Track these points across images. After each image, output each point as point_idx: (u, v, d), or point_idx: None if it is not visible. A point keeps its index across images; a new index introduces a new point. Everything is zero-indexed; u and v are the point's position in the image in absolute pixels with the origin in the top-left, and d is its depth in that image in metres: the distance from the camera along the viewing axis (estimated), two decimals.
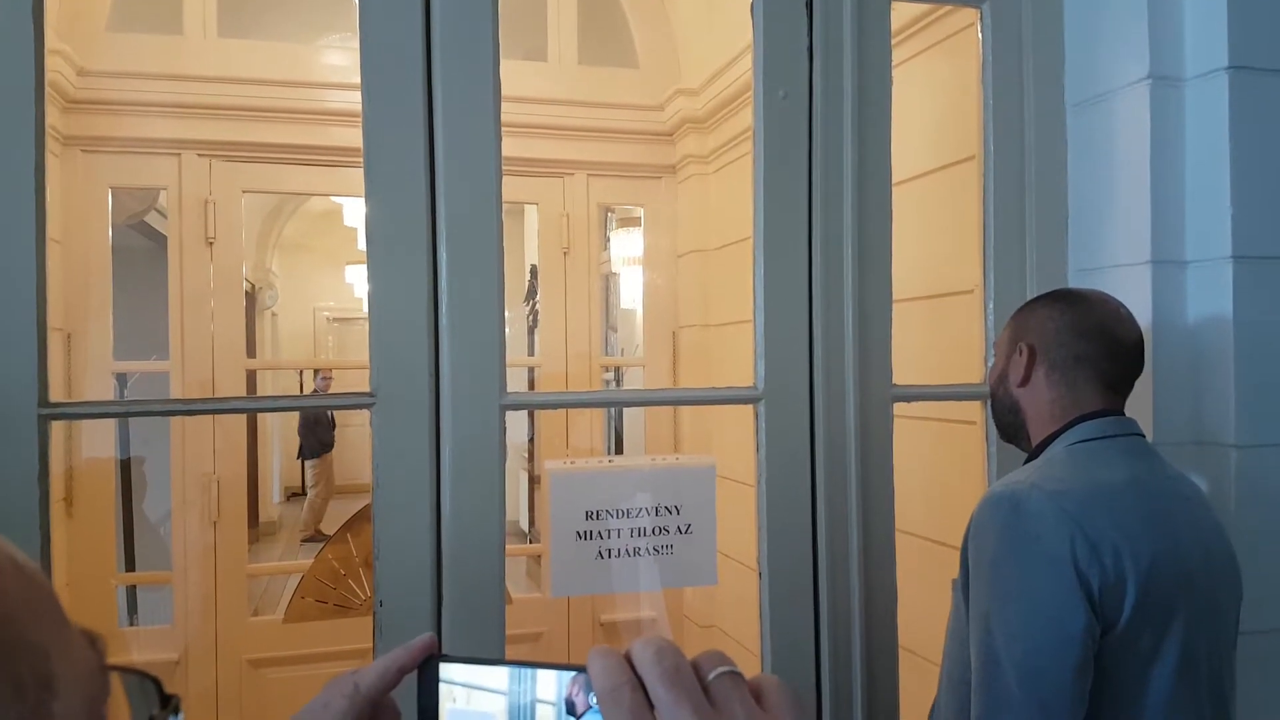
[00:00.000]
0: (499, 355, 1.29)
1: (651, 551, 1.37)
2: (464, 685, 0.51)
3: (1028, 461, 1.23)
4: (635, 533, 1.37)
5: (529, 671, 0.48)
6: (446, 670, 0.51)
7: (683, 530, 1.39)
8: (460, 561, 1.26)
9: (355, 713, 0.53)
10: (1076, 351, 1.19)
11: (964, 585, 1.14)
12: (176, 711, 0.43)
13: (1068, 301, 1.24)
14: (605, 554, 1.35)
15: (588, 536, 1.35)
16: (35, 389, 1.14)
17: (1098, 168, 1.50)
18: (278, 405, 1.49)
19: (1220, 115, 1.34)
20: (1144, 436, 1.20)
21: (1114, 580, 1.03)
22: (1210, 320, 1.37)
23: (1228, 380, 1.34)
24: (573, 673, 0.47)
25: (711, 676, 0.44)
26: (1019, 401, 1.24)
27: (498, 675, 0.49)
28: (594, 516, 1.36)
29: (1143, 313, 1.40)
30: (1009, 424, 1.28)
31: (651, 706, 0.42)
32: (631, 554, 1.36)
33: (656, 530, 1.38)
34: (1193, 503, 1.16)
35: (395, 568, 1.25)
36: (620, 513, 1.36)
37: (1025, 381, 1.23)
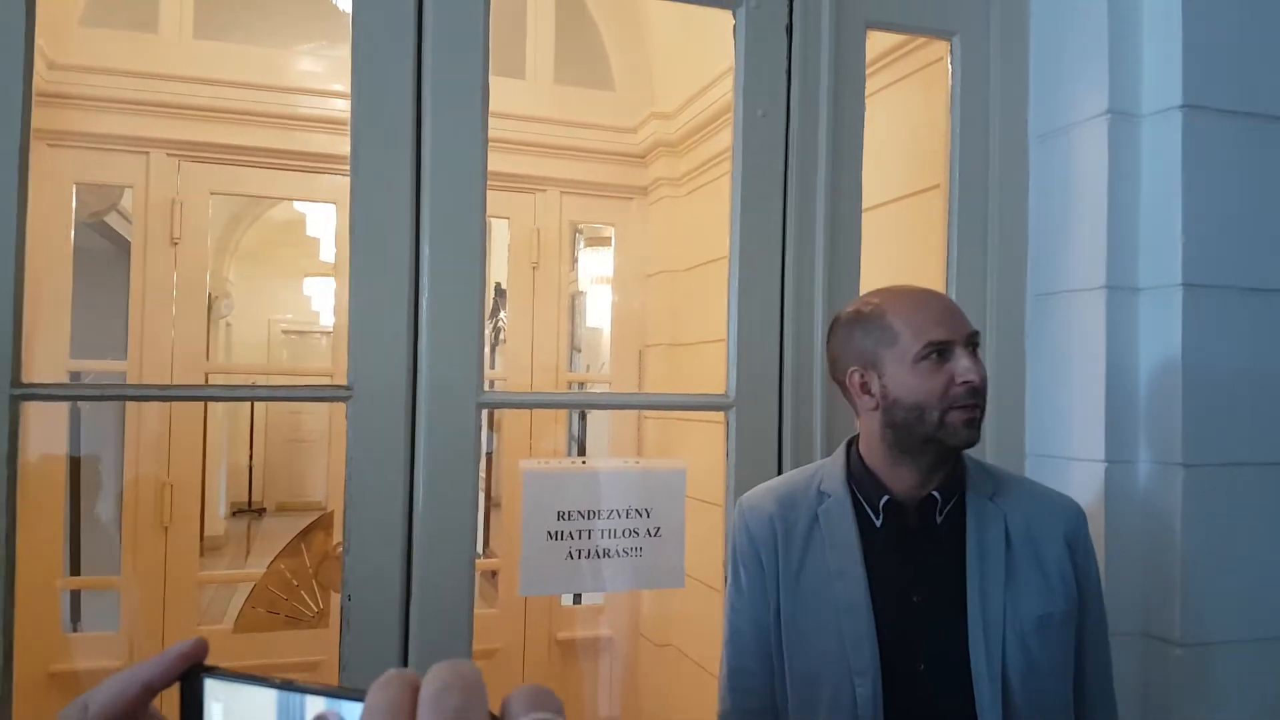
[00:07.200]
0: (477, 353, 1.30)
1: (621, 553, 1.39)
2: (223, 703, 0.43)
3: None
4: (606, 534, 1.38)
5: (298, 698, 0.41)
6: (213, 688, 0.43)
7: (652, 533, 1.40)
8: (431, 555, 1.26)
9: None
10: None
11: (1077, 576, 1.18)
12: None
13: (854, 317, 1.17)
14: (576, 554, 1.37)
15: (559, 536, 1.37)
16: (9, 370, 1.13)
17: (1057, 197, 1.57)
18: (250, 394, 1.48)
19: (1174, 150, 1.42)
20: None
21: None
22: (1160, 343, 1.43)
23: (1175, 401, 1.40)
24: (351, 702, 0.39)
25: None
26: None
27: (264, 699, 0.42)
28: (566, 517, 1.37)
29: (1096, 336, 1.46)
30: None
31: None
32: (601, 555, 1.38)
33: (627, 532, 1.40)
34: None
35: (365, 561, 1.25)
36: (592, 514, 1.38)
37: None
